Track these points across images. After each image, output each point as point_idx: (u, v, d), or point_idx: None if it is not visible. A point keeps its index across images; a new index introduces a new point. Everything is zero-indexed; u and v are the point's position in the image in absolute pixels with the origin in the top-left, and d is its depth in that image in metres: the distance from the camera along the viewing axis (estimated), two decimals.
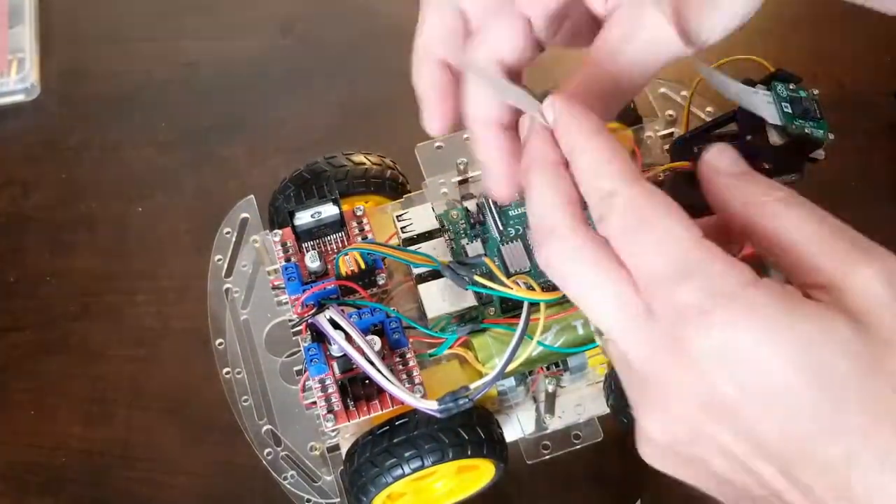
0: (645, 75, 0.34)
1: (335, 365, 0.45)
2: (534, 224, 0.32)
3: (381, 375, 0.43)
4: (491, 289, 0.45)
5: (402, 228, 0.50)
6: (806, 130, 0.43)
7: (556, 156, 0.32)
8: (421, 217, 0.50)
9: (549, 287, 0.48)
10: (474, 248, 0.49)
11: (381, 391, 0.45)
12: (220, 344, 0.53)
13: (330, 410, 0.45)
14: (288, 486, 0.50)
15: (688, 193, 0.48)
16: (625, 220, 0.29)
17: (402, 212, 0.50)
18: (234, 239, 0.55)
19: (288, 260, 0.49)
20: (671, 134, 0.55)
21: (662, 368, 0.28)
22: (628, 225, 0.29)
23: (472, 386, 0.43)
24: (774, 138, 0.43)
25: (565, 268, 0.30)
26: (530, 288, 0.45)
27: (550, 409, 0.51)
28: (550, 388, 0.48)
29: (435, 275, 0.47)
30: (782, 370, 0.26)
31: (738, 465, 0.28)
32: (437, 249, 0.49)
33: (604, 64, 0.34)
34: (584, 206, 0.31)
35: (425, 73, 0.42)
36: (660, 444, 0.30)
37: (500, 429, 0.48)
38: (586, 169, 0.31)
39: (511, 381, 0.49)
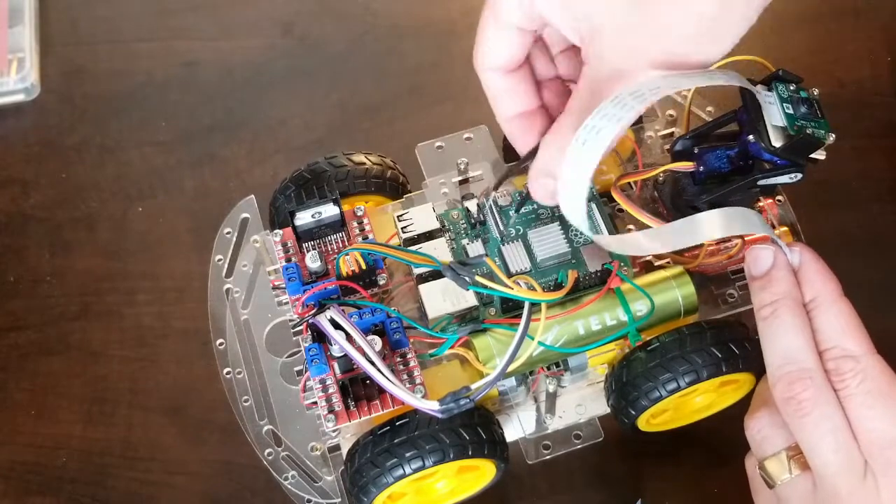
0: None
1: (336, 365, 0.45)
2: (782, 358, 0.38)
3: (381, 375, 0.43)
4: (492, 289, 0.45)
5: (402, 228, 0.50)
6: (807, 131, 0.42)
7: (801, 296, 0.39)
8: (421, 217, 0.50)
9: (550, 287, 0.48)
10: (475, 248, 0.49)
11: (381, 391, 0.45)
12: (221, 344, 0.53)
13: (331, 410, 0.45)
14: (288, 487, 0.50)
15: (688, 194, 0.48)
16: (865, 386, 0.37)
17: (403, 212, 0.50)
18: (234, 239, 0.55)
19: (288, 260, 0.49)
20: (671, 134, 0.55)
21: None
22: (867, 391, 0.37)
23: (473, 386, 0.43)
24: (776, 139, 0.43)
25: (807, 408, 0.37)
26: (531, 288, 0.45)
27: (551, 409, 0.51)
28: (551, 388, 0.48)
29: (436, 275, 0.47)
30: None
31: None
32: (437, 249, 0.49)
33: (594, 98, 0.37)
34: None
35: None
36: None
37: (501, 429, 0.48)
38: (832, 325, 0.38)
39: (512, 382, 0.49)
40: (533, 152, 0.42)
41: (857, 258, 0.60)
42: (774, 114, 0.43)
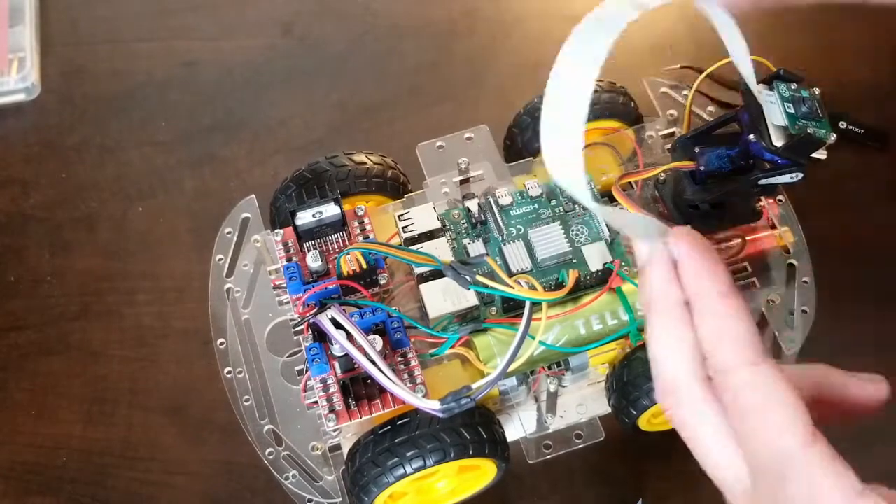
0: None
1: (337, 364, 0.45)
2: (656, 368, 0.34)
3: (382, 375, 0.43)
4: (493, 288, 0.45)
5: (403, 228, 0.50)
6: (809, 130, 0.43)
7: (680, 295, 0.33)
8: (422, 216, 0.50)
9: (551, 287, 0.48)
10: (476, 247, 0.49)
11: (382, 391, 0.45)
12: (222, 343, 0.52)
13: (331, 410, 0.45)
14: (289, 486, 0.49)
15: (689, 193, 0.48)
16: (738, 403, 0.31)
17: (404, 211, 0.50)
18: (235, 239, 0.55)
19: (289, 259, 0.49)
20: (672, 133, 0.55)
21: None
22: (741, 408, 0.31)
23: (474, 386, 0.43)
24: (777, 138, 0.43)
25: (685, 419, 0.33)
26: (532, 287, 0.45)
27: (552, 408, 0.51)
28: (552, 388, 0.48)
29: (437, 274, 0.47)
30: None
31: None
32: (438, 249, 0.49)
33: None
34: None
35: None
36: None
37: (502, 428, 0.48)
38: (708, 333, 0.32)
39: (513, 381, 0.49)
40: None
41: (857, 258, 0.60)
42: (776, 113, 0.43)
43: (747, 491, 0.32)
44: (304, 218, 0.49)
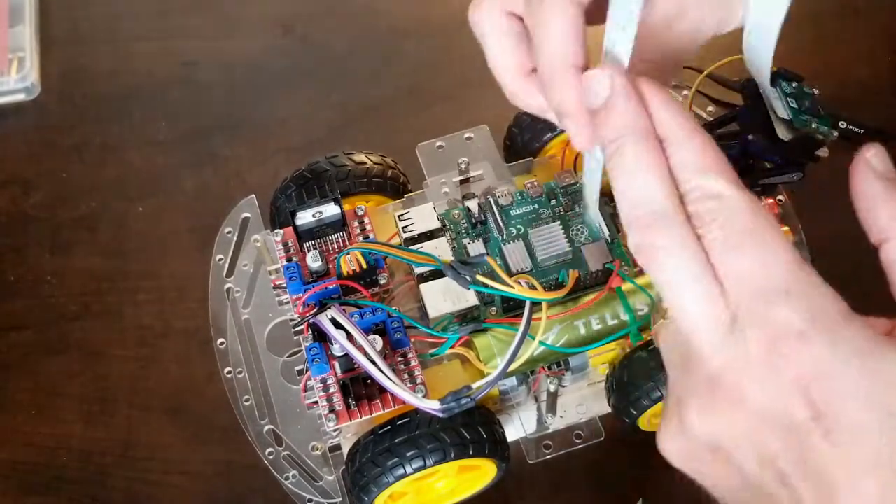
0: (689, 50, 0.37)
1: (337, 364, 0.45)
2: (631, 201, 0.31)
3: (382, 375, 0.43)
4: (493, 288, 0.45)
5: (403, 228, 0.50)
6: (812, 126, 0.43)
7: (649, 124, 0.31)
8: (422, 216, 0.50)
9: (551, 287, 0.48)
10: (476, 247, 0.49)
11: (382, 391, 0.45)
12: (222, 343, 0.52)
13: (332, 410, 0.45)
14: (289, 486, 0.49)
15: None
16: (731, 227, 0.29)
17: (404, 211, 0.50)
18: (235, 238, 0.55)
19: (289, 259, 0.49)
20: None
21: (739, 375, 0.28)
22: (733, 233, 0.29)
23: (474, 385, 0.43)
24: (782, 132, 0.43)
25: (662, 257, 0.30)
26: (532, 287, 0.45)
27: (552, 408, 0.51)
28: (552, 388, 0.48)
29: (437, 274, 0.47)
30: (860, 407, 0.27)
31: (777, 478, 0.28)
32: (438, 249, 0.49)
33: (655, 36, 0.35)
34: None
35: (572, 86, 0.35)
36: (698, 440, 0.30)
37: (502, 428, 0.48)
38: (689, 162, 0.31)
39: (513, 381, 0.49)
40: None
41: (857, 258, 0.60)
42: (780, 107, 0.43)
43: (727, 330, 0.29)
44: (304, 218, 0.49)
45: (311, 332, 0.46)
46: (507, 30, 0.38)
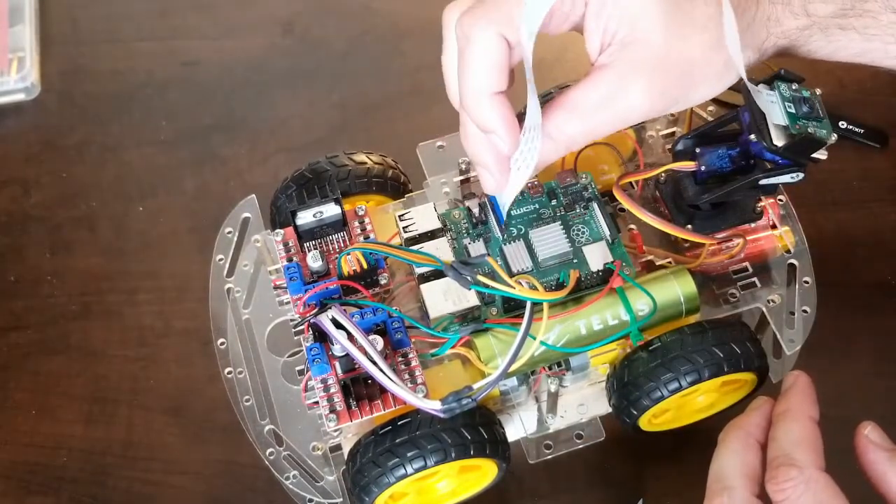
0: (612, 130, 0.42)
1: (337, 365, 0.45)
2: (714, 474, 0.42)
3: (383, 375, 0.43)
4: (494, 288, 0.45)
5: (404, 228, 0.50)
6: (809, 130, 0.43)
7: (754, 429, 0.42)
8: (423, 216, 0.50)
9: (552, 287, 0.48)
10: (477, 247, 0.49)
11: (383, 391, 0.45)
12: (222, 344, 0.52)
13: (332, 410, 0.45)
14: (290, 486, 0.49)
15: (690, 193, 0.48)
16: (808, 497, 0.37)
17: (404, 211, 0.50)
18: (235, 238, 0.55)
19: (290, 259, 0.49)
20: (673, 133, 0.55)
21: None
22: (810, 501, 0.37)
23: (475, 386, 0.43)
24: (778, 138, 0.43)
25: None
26: (533, 288, 0.45)
27: (553, 408, 0.51)
28: (553, 388, 0.48)
29: (437, 274, 0.47)
30: None
31: None
32: (439, 249, 0.49)
33: (581, 116, 0.40)
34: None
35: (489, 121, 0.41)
36: None
37: (503, 428, 0.48)
38: (790, 436, 0.39)
39: (513, 381, 0.49)
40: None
41: (857, 258, 0.60)
42: (776, 113, 0.43)
43: None
44: (305, 218, 0.49)
45: (311, 333, 0.46)
46: (494, 50, 0.40)
